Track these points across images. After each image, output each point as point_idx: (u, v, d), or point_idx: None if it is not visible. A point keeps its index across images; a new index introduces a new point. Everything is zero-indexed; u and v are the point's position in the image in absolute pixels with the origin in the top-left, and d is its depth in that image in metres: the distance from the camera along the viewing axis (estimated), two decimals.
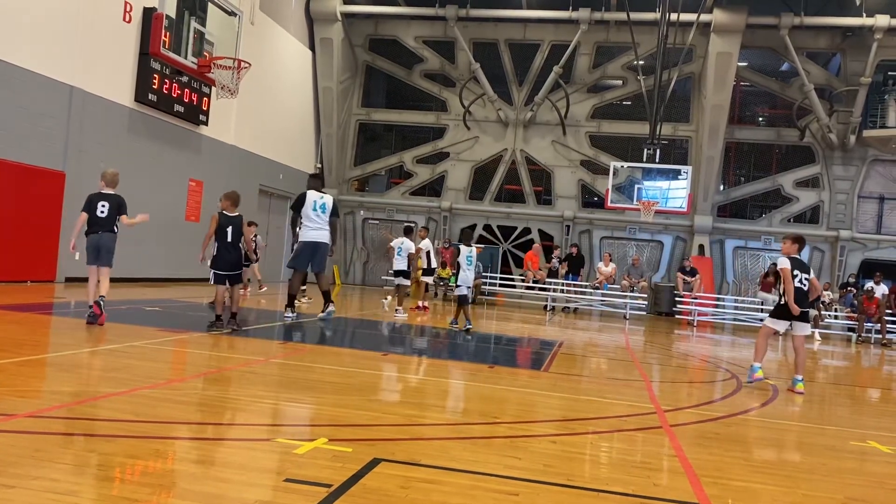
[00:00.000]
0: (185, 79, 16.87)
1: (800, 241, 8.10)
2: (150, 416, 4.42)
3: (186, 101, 17.07)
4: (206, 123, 18.00)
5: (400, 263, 13.93)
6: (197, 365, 6.84)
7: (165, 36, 15.71)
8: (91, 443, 3.78)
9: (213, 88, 17.39)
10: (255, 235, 16.86)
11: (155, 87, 15.97)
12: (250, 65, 17.13)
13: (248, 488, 3.28)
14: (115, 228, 8.53)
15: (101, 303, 8.29)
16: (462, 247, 11.77)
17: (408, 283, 14.19)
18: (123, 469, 3.40)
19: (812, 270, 8.20)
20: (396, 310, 13.41)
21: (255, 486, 3.35)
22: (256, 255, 14.79)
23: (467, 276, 11.56)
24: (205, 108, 17.82)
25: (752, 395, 7.42)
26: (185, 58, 16.55)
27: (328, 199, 10.71)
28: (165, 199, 16.22)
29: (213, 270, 8.87)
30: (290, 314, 10.48)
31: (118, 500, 2.98)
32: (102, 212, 8.44)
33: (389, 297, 14.65)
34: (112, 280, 8.86)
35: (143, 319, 9.66)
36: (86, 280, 8.76)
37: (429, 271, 15.56)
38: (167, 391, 5.24)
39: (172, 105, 16.62)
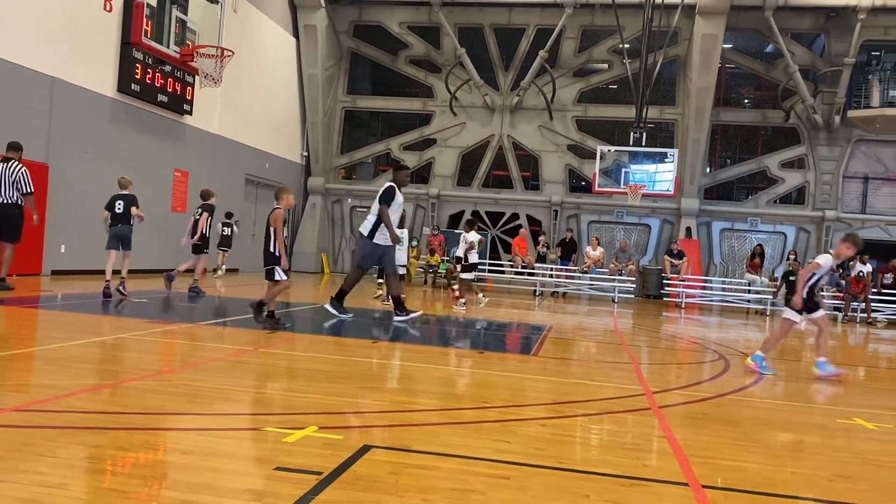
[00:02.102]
0: (167, 68, 16.71)
1: None
2: (139, 408, 4.41)
3: (170, 90, 16.91)
4: (189, 113, 17.86)
5: (473, 257, 13.99)
6: (186, 355, 6.82)
7: (147, 25, 15.54)
8: (80, 435, 3.77)
9: (197, 77, 17.22)
10: (236, 222, 18.33)
11: (137, 77, 15.81)
12: (233, 53, 16.97)
13: (239, 477, 3.28)
14: (131, 221, 10.73)
15: (123, 287, 10.49)
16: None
17: (468, 276, 14.10)
18: (113, 461, 3.40)
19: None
20: (462, 302, 13.64)
21: (245, 475, 3.35)
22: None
23: (400, 256, 12.85)
24: (188, 98, 17.67)
25: (740, 376, 7.48)
26: (168, 47, 16.39)
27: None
28: (151, 189, 16.07)
29: (280, 267, 8.51)
30: (406, 316, 10.43)
31: (108, 493, 2.97)
32: (119, 208, 10.66)
33: (481, 294, 14.61)
34: (99, 272, 10.45)
35: (131, 311, 9.62)
36: (73, 272, 9.15)
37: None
38: (156, 382, 5.22)
39: (156, 95, 16.47)
